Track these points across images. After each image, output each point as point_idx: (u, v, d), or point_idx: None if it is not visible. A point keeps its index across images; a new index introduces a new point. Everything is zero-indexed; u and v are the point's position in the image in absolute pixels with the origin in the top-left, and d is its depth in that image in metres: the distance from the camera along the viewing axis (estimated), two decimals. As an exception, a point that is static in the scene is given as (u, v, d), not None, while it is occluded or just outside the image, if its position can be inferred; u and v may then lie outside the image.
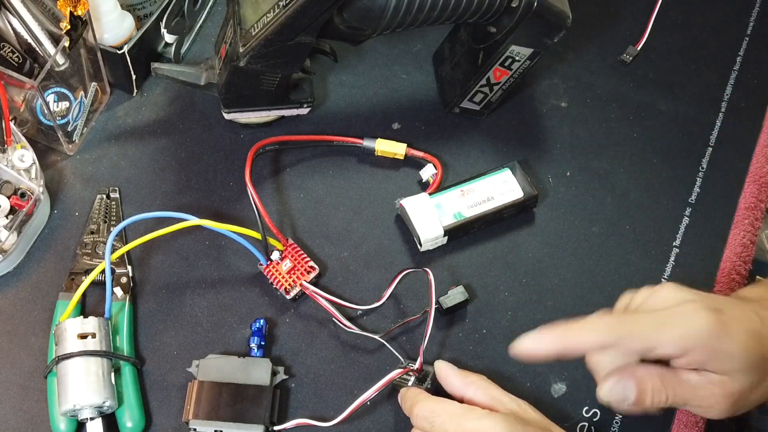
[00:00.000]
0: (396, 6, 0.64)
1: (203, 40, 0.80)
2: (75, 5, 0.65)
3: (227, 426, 0.60)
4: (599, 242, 0.72)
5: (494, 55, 0.70)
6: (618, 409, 0.54)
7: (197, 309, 0.66)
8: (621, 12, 0.85)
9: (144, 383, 0.63)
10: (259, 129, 0.75)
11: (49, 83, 0.68)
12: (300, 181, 0.73)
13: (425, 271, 0.64)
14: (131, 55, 0.72)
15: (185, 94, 0.76)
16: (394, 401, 0.62)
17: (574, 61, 0.81)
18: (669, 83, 0.80)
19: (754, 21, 0.84)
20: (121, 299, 0.65)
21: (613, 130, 0.77)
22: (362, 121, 0.76)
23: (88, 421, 0.59)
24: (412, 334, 0.66)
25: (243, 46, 0.65)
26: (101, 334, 0.61)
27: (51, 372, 0.61)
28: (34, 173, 0.67)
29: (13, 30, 0.68)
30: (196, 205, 0.71)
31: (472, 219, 0.69)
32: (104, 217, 0.69)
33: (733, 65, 0.82)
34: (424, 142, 0.75)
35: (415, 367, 0.61)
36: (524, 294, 0.69)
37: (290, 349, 0.65)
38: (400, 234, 0.71)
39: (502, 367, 0.66)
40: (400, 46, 0.81)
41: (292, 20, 0.62)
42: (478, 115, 0.77)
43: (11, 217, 0.66)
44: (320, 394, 0.64)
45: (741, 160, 0.76)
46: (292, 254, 0.67)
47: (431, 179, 0.72)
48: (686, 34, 0.83)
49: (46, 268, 0.67)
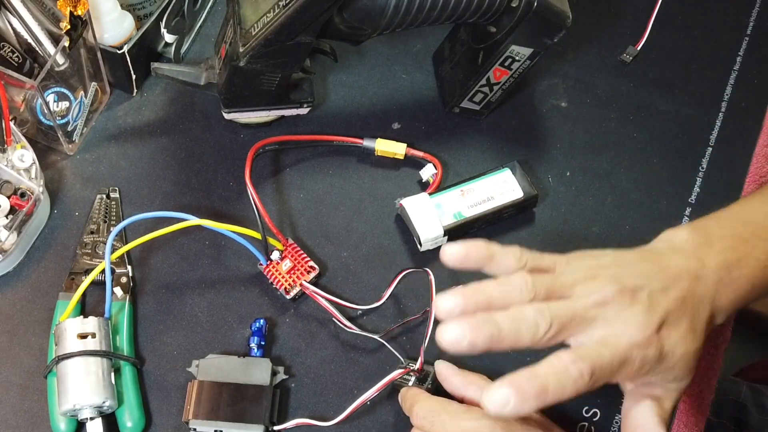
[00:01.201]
0: (396, 6, 0.64)
1: (203, 40, 0.80)
2: (75, 5, 0.65)
3: (227, 426, 0.60)
4: (599, 242, 0.71)
5: (494, 55, 0.70)
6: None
7: (197, 309, 0.66)
8: (621, 12, 0.85)
9: (144, 383, 0.63)
10: (259, 129, 0.75)
11: (49, 83, 0.68)
12: (300, 181, 0.73)
13: (426, 271, 0.64)
14: (131, 55, 0.72)
15: (185, 94, 0.76)
16: (394, 401, 0.62)
17: (574, 61, 0.81)
18: (669, 83, 0.80)
19: (754, 21, 0.84)
20: (121, 299, 0.65)
21: (613, 130, 0.77)
22: (362, 121, 0.76)
23: (88, 420, 0.59)
24: (413, 334, 0.66)
25: (243, 45, 0.65)
26: (101, 334, 0.61)
27: (51, 372, 0.61)
28: (34, 173, 0.67)
29: (13, 30, 0.68)
30: (196, 205, 0.71)
31: (472, 219, 0.69)
32: (104, 217, 0.69)
33: (733, 65, 0.82)
34: (424, 142, 0.75)
35: (416, 368, 0.61)
36: (524, 294, 0.69)
37: (290, 349, 0.65)
38: (400, 234, 0.71)
39: (502, 367, 0.65)
40: (400, 46, 0.81)
41: (292, 20, 0.62)
42: (478, 115, 0.77)
43: (11, 217, 0.66)
44: (320, 394, 0.64)
45: (741, 160, 0.76)
46: (292, 254, 0.67)
47: (431, 179, 0.72)
48: (686, 34, 0.83)
49: (46, 268, 0.67)
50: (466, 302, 0.50)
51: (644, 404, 0.55)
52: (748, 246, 0.57)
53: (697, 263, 0.55)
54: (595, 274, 0.52)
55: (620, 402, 0.65)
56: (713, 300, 0.54)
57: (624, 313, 0.51)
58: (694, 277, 0.54)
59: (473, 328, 0.48)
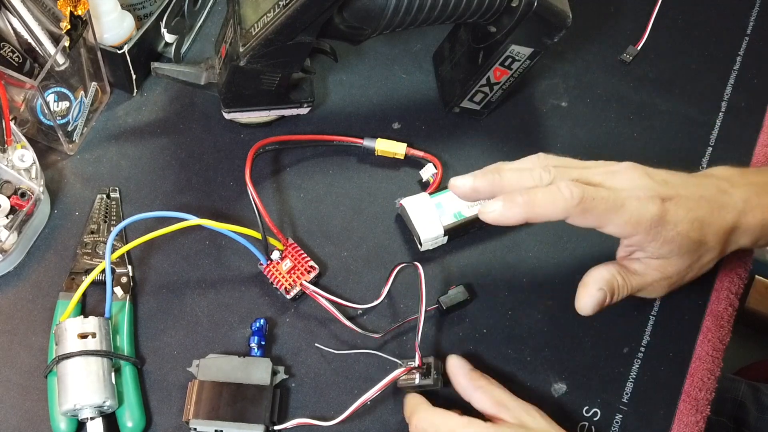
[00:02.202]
0: (396, 6, 0.64)
1: (203, 39, 0.80)
2: (75, 5, 0.65)
3: (227, 426, 0.60)
4: (599, 242, 0.71)
5: (494, 55, 0.70)
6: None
7: (197, 309, 0.66)
8: (621, 12, 0.85)
9: (144, 383, 0.63)
10: (259, 129, 0.75)
11: (49, 83, 0.68)
12: (300, 180, 0.73)
13: (415, 264, 0.64)
14: (131, 55, 0.72)
15: (185, 94, 0.76)
16: (395, 401, 0.63)
17: (574, 61, 0.81)
18: (669, 83, 0.80)
19: (754, 21, 0.84)
20: (122, 299, 0.65)
21: (613, 130, 0.77)
22: (362, 121, 0.76)
23: (88, 420, 0.59)
24: (413, 333, 0.66)
25: (243, 45, 0.65)
26: (101, 334, 0.61)
27: (51, 372, 0.61)
28: (35, 173, 0.67)
29: (13, 30, 0.68)
30: (196, 204, 0.71)
31: (473, 219, 0.69)
32: (104, 216, 0.69)
33: (733, 65, 0.82)
34: (424, 142, 0.75)
35: (416, 364, 0.61)
36: (524, 294, 0.69)
37: (290, 348, 0.65)
38: (400, 234, 0.71)
39: (502, 367, 0.66)
40: (400, 46, 0.81)
41: (292, 20, 0.62)
42: (478, 115, 0.77)
43: (11, 216, 0.66)
44: (321, 394, 0.64)
45: (741, 160, 0.76)
46: (292, 254, 0.67)
47: (431, 179, 0.72)
48: (686, 34, 0.83)
49: (47, 267, 0.67)
50: (476, 179, 0.57)
51: (612, 266, 0.59)
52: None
53: (725, 183, 0.58)
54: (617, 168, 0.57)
55: (620, 402, 0.65)
56: (739, 215, 0.57)
57: (631, 175, 0.56)
58: (718, 189, 0.58)
59: (477, 175, 0.56)
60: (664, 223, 0.55)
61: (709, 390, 0.66)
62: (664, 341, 0.67)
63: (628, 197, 0.55)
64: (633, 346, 0.67)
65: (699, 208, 0.56)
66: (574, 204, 0.53)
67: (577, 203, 0.53)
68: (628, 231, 0.56)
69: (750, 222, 0.58)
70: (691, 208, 0.56)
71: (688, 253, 0.57)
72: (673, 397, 0.65)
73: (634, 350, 0.67)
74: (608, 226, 0.56)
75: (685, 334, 0.68)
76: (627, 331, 0.68)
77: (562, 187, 0.53)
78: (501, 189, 0.56)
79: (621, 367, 0.66)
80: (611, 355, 0.67)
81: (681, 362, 0.67)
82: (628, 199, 0.55)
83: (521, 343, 0.67)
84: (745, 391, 0.90)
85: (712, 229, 0.56)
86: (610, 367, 0.66)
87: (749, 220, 0.58)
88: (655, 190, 0.56)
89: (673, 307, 0.69)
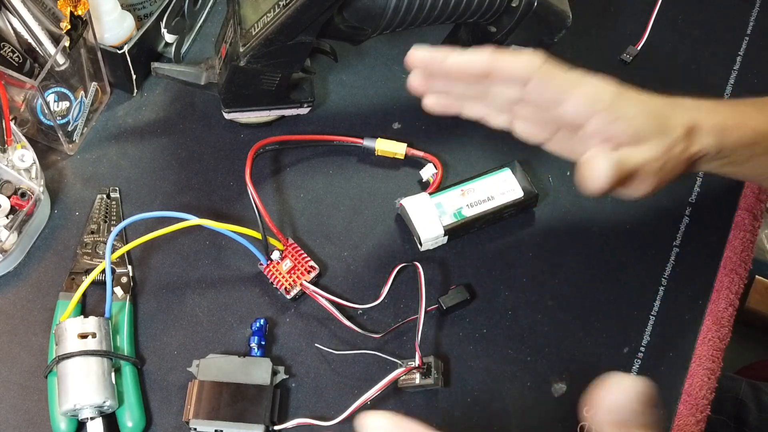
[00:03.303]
0: (396, 6, 0.64)
1: (203, 39, 0.80)
2: (75, 5, 0.65)
3: (228, 426, 0.60)
4: (599, 242, 0.72)
5: (494, 55, 0.69)
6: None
7: (197, 309, 0.66)
8: (621, 12, 0.85)
9: (144, 383, 0.63)
10: (259, 129, 0.75)
11: (50, 83, 0.68)
12: (300, 180, 0.73)
13: (415, 264, 0.64)
14: (131, 55, 0.72)
15: (185, 94, 0.76)
16: (395, 401, 0.63)
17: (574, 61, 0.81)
18: (669, 83, 0.80)
19: (754, 21, 0.84)
20: (122, 299, 0.65)
21: (613, 129, 0.77)
22: (362, 121, 0.76)
23: (88, 420, 0.59)
24: (413, 333, 0.66)
25: (243, 45, 0.65)
26: (101, 334, 0.61)
27: (51, 372, 0.61)
28: (35, 173, 0.67)
29: (14, 30, 0.68)
30: (196, 204, 0.71)
31: (473, 218, 0.69)
32: (104, 216, 0.69)
33: (733, 65, 0.82)
34: (424, 142, 0.75)
35: (416, 364, 0.61)
36: (524, 294, 0.69)
37: (290, 348, 0.65)
38: (401, 234, 0.71)
39: (502, 367, 0.66)
40: (400, 46, 0.81)
41: (292, 20, 0.62)
42: (478, 115, 0.77)
43: (11, 216, 0.66)
44: (321, 394, 0.64)
45: (741, 159, 0.76)
46: (293, 254, 0.67)
47: (431, 179, 0.72)
48: (686, 34, 0.83)
49: (47, 267, 0.67)
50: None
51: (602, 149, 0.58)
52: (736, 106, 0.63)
53: (680, 99, 0.61)
54: None
55: (620, 402, 0.65)
56: (692, 112, 0.59)
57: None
58: (672, 100, 0.60)
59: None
60: (622, 99, 0.57)
61: (709, 389, 0.66)
62: (664, 341, 0.67)
63: (585, 76, 0.57)
64: (633, 346, 0.67)
65: (653, 100, 0.59)
66: (539, 62, 0.56)
67: (542, 62, 0.56)
68: (587, 108, 0.56)
69: (708, 122, 0.59)
70: (645, 99, 0.58)
71: (655, 135, 0.57)
72: (674, 397, 0.65)
73: (634, 350, 0.67)
74: (569, 101, 0.57)
75: (685, 334, 0.68)
76: (627, 331, 0.68)
77: (529, 52, 0.57)
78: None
79: (621, 367, 0.66)
80: (611, 355, 0.67)
81: (681, 362, 0.67)
82: (589, 78, 0.57)
83: (521, 343, 0.67)
84: (745, 390, 0.90)
85: (671, 121, 0.58)
86: (610, 367, 0.66)
87: (707, 120, 0.59)
88: (607, 81, 0.58)
89: (673, 307, 0.69)
